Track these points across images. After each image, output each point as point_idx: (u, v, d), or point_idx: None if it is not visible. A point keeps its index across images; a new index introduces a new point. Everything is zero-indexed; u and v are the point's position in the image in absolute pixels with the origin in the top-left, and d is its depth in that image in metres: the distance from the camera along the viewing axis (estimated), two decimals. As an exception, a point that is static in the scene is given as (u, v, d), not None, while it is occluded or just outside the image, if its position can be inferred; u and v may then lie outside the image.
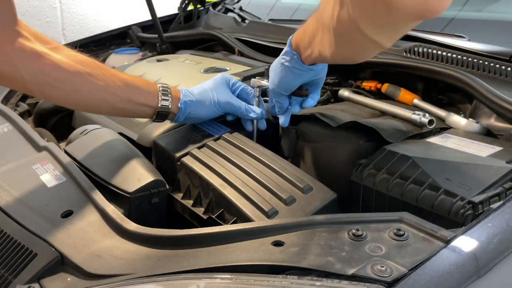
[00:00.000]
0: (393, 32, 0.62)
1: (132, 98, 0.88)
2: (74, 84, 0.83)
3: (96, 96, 0.85)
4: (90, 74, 0.84)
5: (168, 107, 0.90)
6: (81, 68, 0.83)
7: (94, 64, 0.86)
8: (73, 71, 0.82)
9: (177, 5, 1.89)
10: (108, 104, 0.87)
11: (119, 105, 0.88)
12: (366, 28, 0.61)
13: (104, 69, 0.87)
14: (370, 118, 0.97)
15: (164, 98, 0.90)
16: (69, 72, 0.82)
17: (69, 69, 0.82)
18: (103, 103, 0.87)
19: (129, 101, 0.88)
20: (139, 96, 0.89)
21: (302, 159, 0.94)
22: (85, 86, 0.84)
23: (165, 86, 0.92)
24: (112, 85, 0.86)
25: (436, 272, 0.53)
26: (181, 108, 0.91)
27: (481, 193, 0.69)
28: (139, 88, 0.89)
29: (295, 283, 0.53)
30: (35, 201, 0.81)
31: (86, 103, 0.87)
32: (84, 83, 0.84)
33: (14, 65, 0.78)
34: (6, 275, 0.69)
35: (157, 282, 0.59)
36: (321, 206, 0.74)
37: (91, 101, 0.86)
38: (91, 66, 0.85)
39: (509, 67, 0.98)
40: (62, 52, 0.84)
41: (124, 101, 0.88)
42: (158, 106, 0.90)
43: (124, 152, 0.91)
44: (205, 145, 0.90)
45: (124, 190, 0.81)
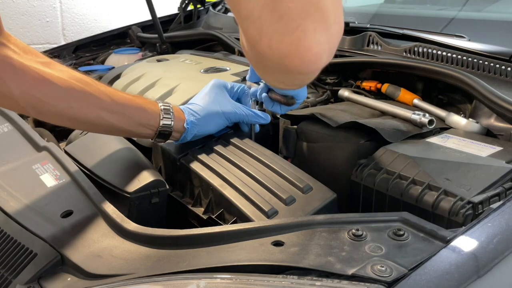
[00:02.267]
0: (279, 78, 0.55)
1: (130, 116, 0.83)
2: (67, 101, 0.78)
3: (91, 113, 0.81)
4: (85, 90, 0.79)
5: (170, 126, 0.86)
6: (75, 83, 0.79)
7: (90, 80, 0.82)
8: (66, 86, 0.78)
9: (177, 5, 1.89)
10: (105, 122, 0.82)
11: (116, 124, 0.83)
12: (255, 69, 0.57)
13: (100, 85, 0.83)
14: (370, 118, 0.97)
15: (166, 117, 0.86)
16: (61, 87, 0.77)
17: (62, 84, 0.77)
18: (99, 121, 0.82)
19: (128, 120, 0.83)
20: (138, 114, 0.84)
21: (302, 159, 0.94)
22: (79, 102, 0.79)
23: (166, 105, 0.87)
24: (108, 102, 0.81)
25: (436, 272, 0.53)
26: (187, 129, 0.87)
27: (481, 193, 0.69)
28: (139, 106, 0.85)
29: (295, 283, 0.53)
30: (35, 201, 0.81)
31: (81, 121, 0.82)
32: (78, 100, 0.79)
33: (2, 79, 0.74)
34: (6, 275, 0.69)
35: (157, 282, 0.59)
36: (321, 206, 0.74)
37: (86, 118, 0.81)
38: (86, 82, 0.80)
39: (509, 67, 0.98)
40: (54, 67, 0.79)
41: (122, 120, 0.83)
42: (160, 125, 0.85)
43: (124, 152, 0.91)
44: (205, 145, 0.90)
45: (124, 190, 0.81)
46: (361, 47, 1.22)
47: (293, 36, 0.44)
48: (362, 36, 1.22)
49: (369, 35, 1.22)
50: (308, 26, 0.44)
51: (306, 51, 0.45)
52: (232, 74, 1.19)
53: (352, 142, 0.87)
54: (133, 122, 0.84)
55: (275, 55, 0.45)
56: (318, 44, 0.45)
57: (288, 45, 0.44)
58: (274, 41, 0.45)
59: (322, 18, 0.44)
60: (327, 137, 0.90)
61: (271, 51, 0.45)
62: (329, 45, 0.46)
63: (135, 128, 0.85)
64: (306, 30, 0.44)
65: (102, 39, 1.86)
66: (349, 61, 1.14)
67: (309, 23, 0.44)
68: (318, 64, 0.47)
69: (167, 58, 1.43)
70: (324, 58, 0.47)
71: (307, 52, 0.45)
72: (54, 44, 2.45)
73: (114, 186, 0.83)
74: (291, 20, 0.43)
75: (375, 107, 1.01)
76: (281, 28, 0.44)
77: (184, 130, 0.88)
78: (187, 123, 0.88)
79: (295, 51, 0.45)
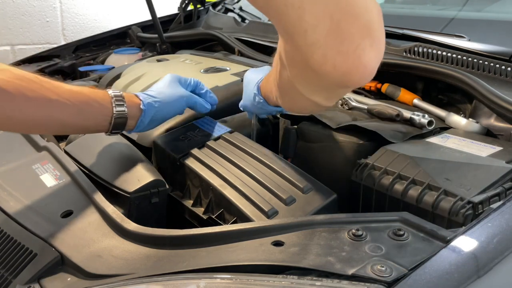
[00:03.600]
0: (328, 94, 0.62)
1: (81, 110, 0.80)
2: (11, 102, 0.74)
3: (39, 113, 0.77)
4: (29, 88, 0.75)
5: (125, 113, 0.83)
6: (18, 83, 0.74)
7: (34, 77, 0.77)
8: (10, 88, 0.73)
9: (177, 5, 1.89)
10: (55, 121, 0.79)
11: (67, 121, 0.80)
12: (302, 89, 0.61)
13: (45, 82, 0.78)
14: (370, 118, 0.97)
15: (118, 104, 0.83)
16: (3, 89, 0.73)
17: (5, 86, 0.73)
18: (49, 120, 0.78)
19: (78, 114, 0.80)
20: (88, 106, 0.81)
21: (302, 159, 0.94)
22: (25, 103, 0.75)
23: (117, 92, 0.85)
24: (55, 99, 0.77)
25: (436, 272, 0.53)
26: (144, 111, 0.86)
27: (481, 193, 0.69)
28: (88, 98, 0.81)
29: (295, 283, 0.53)
30: (35, 201, 0.81)
31: (31, 123, 0.78)
32: (23, 100, 0.75)
33: None
34: (6, 275, 0.69)
35: (157, 282, 0.59)
36: (321, 206, 0.74)
37: (34, 119, 0.77)
38: (30, 80, 0.76)
39: (509, 67, 0.98)
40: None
41: (73, 115, 0.80)
42: (114, 113, 0.82)
43: (124, 152, 0.91)
44: (205, 145, 0.90)
45: (124, 190, 0.81)
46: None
47: (354, 55, 0.50)
48: (362, 36, 1.22)
49: (369, 35, 1.22)
50: (365, 45, 0.50)
51: (365, 66, 0.51)
52: (232, 74, 1.19)
53: (352, 142, 0.87)
54: (85, 115, 0.81)
55: (339, 73, 0.51)
56: (373, 60, 0.51)
57: (350, 63, 0.50)
58: (338, 62, 0.50)
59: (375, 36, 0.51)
60: (327, 137, 0.90)
61: (336, 71, 0.51)
62: (380, 58, 0.52)
63: (88, 122, 0.82)
64: (364, 48, 0.50)
65: (102, 39, 1.86)
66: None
67: (366, 42, 0.50)
68: (372, 76, 0.53)
69: (167, 58, 1.43)
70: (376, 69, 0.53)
71: (366, 67, 0.51)
72: (54, 44, 2.45)
73: (114, 186, 0.83)
74: (352, 42, 0.49)
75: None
76: (343, 50, 0.50)
77: (140, 114, 0.86)
78: (144, 104, 0.87)
79: (356, 68, 0.51)
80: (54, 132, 0.88)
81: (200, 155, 0.87)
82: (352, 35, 0.49)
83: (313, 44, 0.50)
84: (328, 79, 0.53)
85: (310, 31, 0.49)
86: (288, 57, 0.59)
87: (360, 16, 0.49)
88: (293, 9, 0.48)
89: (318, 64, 0.51)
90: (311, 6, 0.48)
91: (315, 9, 0.48)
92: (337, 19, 0.48)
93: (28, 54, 1.77)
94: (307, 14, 0.48)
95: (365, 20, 0.49)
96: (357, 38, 0.49)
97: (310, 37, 0.49)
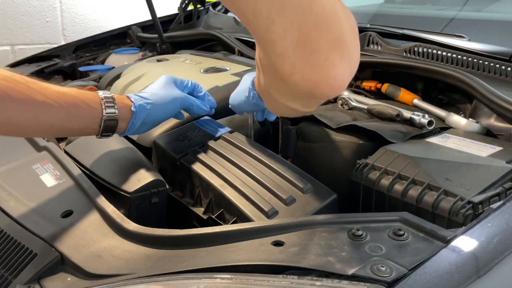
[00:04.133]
0: (303, 102, 0.61)
1: (69, 112, 0.77)
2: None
3: (25, 115, 0.74)
4: (16, 90, 0.72)
5: (115, 115, 0.81)
6: (4, 84, 0.72)
7: (19, 78, 0.75)
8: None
9: (177, 5, 1.89)
10: (42, 123, 0.76)
11: (55, 123, 0.77)
12: (277, 95, 0.61)
13: (31, 82, 0.75)
14: (370, 118, 0.97)
15: (108, 105, 0.81)
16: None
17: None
18: (36, 122, 0.75)
19: (67, 116, 0.77)
20: (77, 108, 0.78)
21: (302, 159, 0.94)
22: (10, 104, 0.72)
23: (107, 93, 0.83)
24: (43, 100, 0.74)
25: (436, 272, 0.53)
26: (135, 112, 0.84)
27: (481, 193, 0.69)
28: (77, 99, 0.78)
29: (295, 283, 0.53)
30: (35, 201, 0.81)
31: (15, 125, 0.75)
32: (8, 101, 0.72)
33: None
34: (6, 275, 0.69)
35: (157, 282, 0.59)
36: (321, 206, 0.74)
37: (21, 122, 0.74)
38: (15, 81, 0.73)
39: (509, 67, 0.98)
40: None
41: (61, 117, 0.77)
42: (103, 115, 0.80)
43: (124, 152, 0.91)
44: (205, 145, 0.90)
45: (124, 190, 0.81)
46: (361, 47, 1.21)
47: (323, 67, 0.50)
48: (362, 36, 1.22)
49: (369, 35, 1.22)
50: (334, 58, 0.49)
51: (334, 79, 0.51)
52: (232, 74, 1.19)
53: (352, 142, 0.87)
54: (73, 117, 0.78)
55: (307, 84, 0.51)
56: (343, 72, 0.51)
57: (319, 75, 0.50)
58: (306, 73, 0.50)
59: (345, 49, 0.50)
60: (327, 138, 0.90)
61: (304, 82, 0.51)
62: (351, 69, 0.52)
63: (77, 124, 0.80)
64: (333, 61, 0.50)
65: (102, 39, 1.86)
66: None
67: (336, 55, 0.49)
68: (343, 89, 0.53)
69: (167, 58, 1.43)
70: (347, 82, 0.53)
71: (335, 79, 0.51)
72: (54, 44, 2.46)
73: (114, 186, 0.83)
74: (321, 54, 0.49)
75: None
76: (312, 62, 0.49)
77: (131, 116, 0.84)
78: (135, 106, 0.84)
79: (325, 80, 0.50)
80: (42, 135, 0.85)
81: (200, 155, 0.87)
82: (321, 47, 0.49)
83: (282, 55, 0.50)
84: (297, 90, 0.53)
85: (279, 41, 0.49)
86: (262, 64, 0.59)
87: (329, 29, 0.48)
88: (262, 19, 0.48)
89: (287, 74, 0.51)
90: (279, 17, 0.47)
91: (283, 20, 0.47)
92: (306, 31, 0.48)
93: (28, 54, 1.77)
94: (275, 24, 0.47)
95: (335, 33, 0.49)
96: (326, 50, 0.49)
97: (278, 47, 0.49)
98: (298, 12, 0.47)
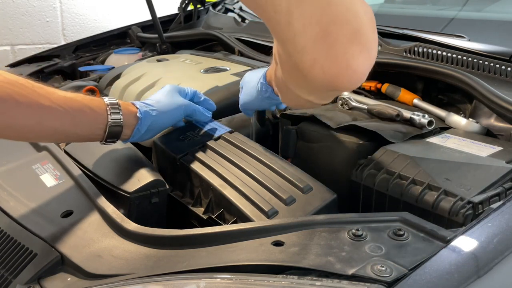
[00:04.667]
0: (321, 94, 0.62)
1: (74, 117, 0.77)
2: (3, 108, 0.71)
3: (30, 119, 0.74)
4: (20, 93, 0.73)
5: (120, 121, 0.82)
6: (8, 87, 0.72)
7: (25, 82, 0.75)
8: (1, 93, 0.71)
9: (177, 5, 1.89)
10: (47, 128, 0.76)
11: (60, 128, 0.77)
12: (294, 89, 0.62)
13: (37, 87, 0.76)
14: (370, 118, 0.97)
15: (113, 112, 0.81)
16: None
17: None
18: (40, 126, 0.75)
19: (72, 121, 0.77)
20: (82, 114, 0.78)
21: (302, 159, 0.94)
22: (15, 108, 0.72)
23: (112, 99, 0.83)
24: (48, 105, 0.75)
25: (436, 272, 0.53)
26: (140, 119, 0.84)
27: (481, 193, 0.69)
28: (82, 104, 0.79)
29: (295, 283, 0.53)
30: (35, 201, 0.81)
31: (20, 129, 0.75)
32: (14, 105, 0.72)
33: None
34: (6, 275, 0.69)
35: (157, 282, 0.59)
36: (321, 206, 0.74)
37: (26, 126, 0.74)
38: (21, 85, 0.74)
39: (509, 67, 0.98)
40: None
41: (66, 122, 0.77)
42: (109, 121, 0.80)
43: (124, 152, 0.91)
44: (205, 145, 0.90)
45: (124, 190, 0.81)
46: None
47: (342, 60, 0.50)
48: (362, 36, 1.22)
49: (369, 35, 1.22)
50: (354, 50, 0.50)
51: (353, 72, 0.51)
52: (232, 74, 1.19)
53: (352, 142, 0.87)
54: (78, 122, 0.79)
55: (328, 77, 0.51)
56: (362, 65, 0.51)
57: (339, 68, 0.51)
58: (326, 67, 0.51)
59: (364, 42, 0.51)
60: (327, 137, 0.90)
61: (324, 75, 0.51)
62: (371, 61, 0.52)
63: (81, 130, 0.80)
64: (353, 53, 0.50)
65: (102, 39, 1.86)
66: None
67: (355, 47, 0.50)
68: (362, 81, 0.53)
69: (167, 58, 1.43)
70: (366, 74, 0.53)
71: (355, 72, 0.51)
72: (54, 44, 2.45)
73: (114, 186, 0.83)
74: (340, 47, 0.50)
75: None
76: (332, 55, 0.50)
77: (136, 122, 0.85)
78: (140, 112, 0.85)
79: (345, 73, 0.51)
80: (45, 140, 0.84)
81: (200, 155, 0.87)
82: (340, 41, 0.49)
83: (302, 49, 0.50)
84: (318, 83, 0.53)
85: (298, 36, 0.49)
86: (280, 59, 0.60)
87: (348, 22, 0.49)
88: (282, 14, 0.48)
89: (308, 68, 0.52)
90: (298, 11, 0.48)
91: (302, 15, 0.48)
92: (325, 25, 0.48)
93: (28, 54, 1.77)
94: (295, 19, 0.48)
95: (354, 26, 0.49)
96: (345, 43, 0.49)
97: (299, 42, 0.50)
98: (317, 6, 0.48)
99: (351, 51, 0.50)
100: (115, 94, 1.21)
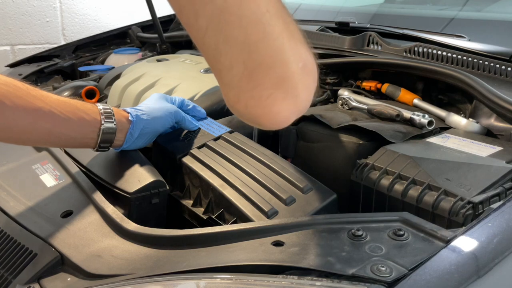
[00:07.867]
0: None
1: (69, 119, 0.78)
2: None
3: (23, 120, 0.74)
4: (15, 94, 0.73)
5: (113, 128, 0.83)
6: (5, 89, 0.73)
7: (20, 84, 0.76)
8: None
9: (177, 5, 1.89)
10: (42, 130, 0.77)
11: (54, 130, 0.78)
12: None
13: (32, 89, 0.77)
14: (370, 118, 0.97)
15: (107, 120, 0.82)
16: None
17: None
18: (33, 127, 0.76)
19: (65, 124, 0.78)
20: (77, 117, 0.79)
21: (302, 159, 0.94)
22: (10, 109, 0.73)
23: (106, 106, 0.84)
24: (42, 106, 0.75)
25: (436, 272, 0.53)
26: (133, 122, 0.85)
27: (481, 193, 0.69)
28: (76, 108, 0.80)
29: (295, 283, 0.53)
30: (35, 201, 0.81)
31: (15, 131, 0.76)
32: (9, 106, 0.73)
33: None
34: (6, 275, 0.69)
35: (157, 282, 0.59)
36: (321, 206, 0.74)
37: (20, 127, 0.75)
38: (15, 86, 0.75)
39: (509, 67, 0.98)
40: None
41: (59, 125, 0.78)
42: (102, 124, 0.81)
43: (124, 152, 0.91)
44: (205, 145, 0.90)
45: (124, 191, 0.81)
46: (361, 47, 1.22)
47: (266, 102, 0.51)
48: (362, 36, 1.22)
49: (369, 35, 1.22)
50: (278, 95, 0.50)
51: (275, 114, 0.52)
52: (232, 74, 1.19)
53: (352, 142, 0.87)
54: (72, 125, 0.79)
55: (251, 115, 0.53)
56: (286, 109, 0.52)
57: (261, 108, 0.51)
58: (249, 105, 0.51)
59: (291, 89, 0.51)
60: (327, 137, 0.90)
61: (247, 112, 0.52)
62: (297, 108, 0.53)
63: (75, 133, 0.80)
64: (276, 98, 0.51)
65: (102, 39, 1.86)
66: (349, 61, 1.14)
67: (279, 93, 0.50)
68: (286, 124, 0.54)
69: (167, 58, 1.43)
70: (292, 119, 0.54)
71: (277, 115, 0.52)
72: (54, 44, 2.45)
73: (114, 186, 0.83)
74: (264, 90, 0.50)
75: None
76: (255, 95, 0.50)
77: (129, 126, 0.85)
78: (132, 116, 0.86)
79: (267, 114, 0.52)
80: (39, 142, 0.84)
81: (200, 155, 0.87)
82: (264, 85, 0.50)
83: (228, 84, 0.51)
84: (242, 117, 0.54)
85: (225, 72, 0.50)
86: None
87: (273, 68, 0.49)
88: (210, 49, 0.49)
89: (232, 102, 0.52)
90: (226, 50, 0.48)
91: (229, 54, 0.48)
92: (251, 67, 0.49)
93: (28, 54, 1.77)
94: (222, 56, 0.48)
95: (280, 72, 0.49)
96: (269, 88, 0.50)
97: (225, 77, 0.50)
98: (244, 48, 0.47)
99: (274, 96, 0.50)
100: (115, 94, 1.21)
